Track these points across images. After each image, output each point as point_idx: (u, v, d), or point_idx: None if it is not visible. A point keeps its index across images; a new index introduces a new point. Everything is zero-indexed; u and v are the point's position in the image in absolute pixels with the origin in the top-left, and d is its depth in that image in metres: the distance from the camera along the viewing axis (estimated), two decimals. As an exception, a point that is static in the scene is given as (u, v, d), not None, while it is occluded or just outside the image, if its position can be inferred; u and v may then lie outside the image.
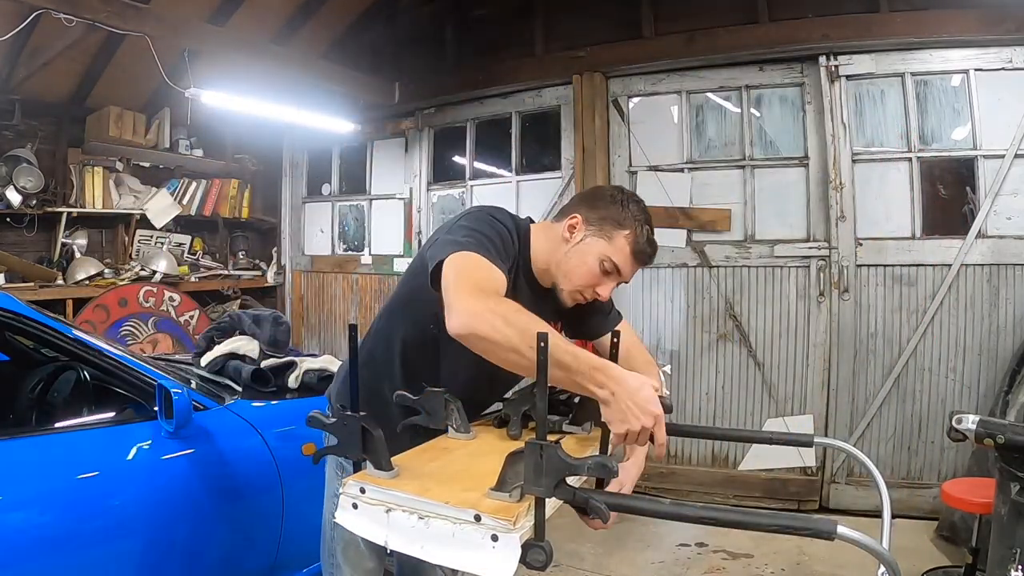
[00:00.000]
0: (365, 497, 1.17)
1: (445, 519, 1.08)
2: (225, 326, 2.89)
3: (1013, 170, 3.62)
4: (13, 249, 4.79)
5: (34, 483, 1.85)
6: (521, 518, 1.06)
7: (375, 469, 1.23)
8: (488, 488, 1.12)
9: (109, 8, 3.59)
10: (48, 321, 2.14)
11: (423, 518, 1.10)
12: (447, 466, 1.33)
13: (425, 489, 1.15)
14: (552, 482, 1.05)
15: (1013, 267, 3.63)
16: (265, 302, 6.17)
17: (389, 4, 5.55)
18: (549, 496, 1.07)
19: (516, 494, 1.10)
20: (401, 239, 5.62)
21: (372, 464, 1.24)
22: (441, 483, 1.19)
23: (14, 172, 4.66)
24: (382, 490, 1.16)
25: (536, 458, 1.06)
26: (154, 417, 2.09)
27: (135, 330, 4.96)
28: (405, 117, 5.53)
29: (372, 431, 1.25)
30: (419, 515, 1.11)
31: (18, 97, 4.73)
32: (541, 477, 1.05)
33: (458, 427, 1.50)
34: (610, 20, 4.58)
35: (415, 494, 1.13)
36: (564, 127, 4.80)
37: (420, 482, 1.19)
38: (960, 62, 3.72)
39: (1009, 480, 1.83)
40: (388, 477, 1.21)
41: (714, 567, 3.26)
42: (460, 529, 1.06)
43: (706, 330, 4.31)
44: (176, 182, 5.77)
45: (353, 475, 1.24)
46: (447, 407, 1.48)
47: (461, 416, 1.49)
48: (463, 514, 1.07)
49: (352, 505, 1.18)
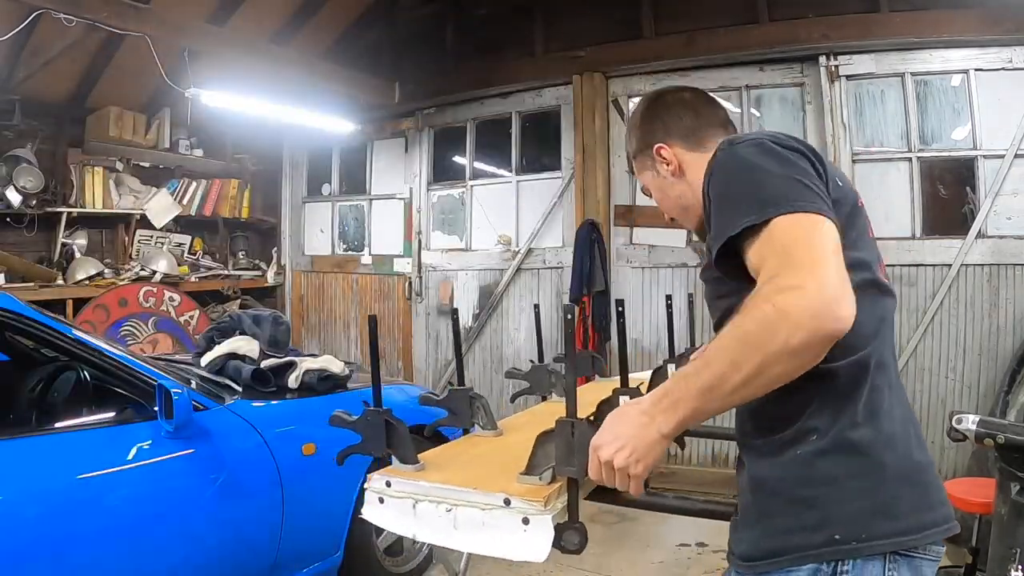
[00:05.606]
0: (391, 491, 1.15)
1: (473, 505, 1.06)
2: (225, 326, 2.90)
3: (1013, 170, 3.62)
4: (13, 249, 4.79)
5: (34, 483, 1.85)
6: (552, 499, 1.03)
7: (400, 463, 1.21)
8: (518, 473, 1.09)
9: (109, 8, 3.59)
10: (48, 321, 2.13)
11: (450, 508, 1.08)
12: (474, 459, 1.31)
13: (449, 478, 1.13)
14: (585, 460, 0.99)
15: (1013, 267, 3.63)
16: (265, 302, 6.16)
17: (389, 4, 5.55)
18: (582, 475, 1.02)
19: (547, 476, 1.07)
20: (401, 239, 5.61)
21: (397, 458, 1.23)
22: (466, 471, 1.18)
23: (14, 172, 4.66)
24: (408, 482, 1.14)
25: (567, 436, 1.01)
26: (154, 417, 2.09)
27: (135, 330, 4.96)
28: (405, 117, 5.53)
29: (396, 425, 1.22)
30: (447, 505, 1.08)
31: (18, 97, 4.72)
32: (572, 456, 1.01)
33: (485, 424, 1.47)
34: (610, 20, 4.58)
35: (441, 483, 1.11)
36: (564, 127, 4.80)
37: (445, 472, 1.18)
38: (960, 62, 3.72)
39: (1009, 480, 1.83)
40: (413, 470, 1.19)
41: (714, 567, 3.26)
42: (489, 515, 1.04)
43: (706, 330, 4.30)
44: (176, 182, 5.77)
45: (379, 470, 1.22)
46: (472, 404, 1.46)
47: (488, 413, 1.46)
48: (492, 499, 1.04)
49: (378, 499, 1.16)
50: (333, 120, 5.18)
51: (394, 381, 3.78)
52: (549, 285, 4.90)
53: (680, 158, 1.22)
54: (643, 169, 1.30)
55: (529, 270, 4.99)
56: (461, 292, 5.32)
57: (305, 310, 6.23)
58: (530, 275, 4.99)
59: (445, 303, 5.36)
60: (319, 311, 6.16)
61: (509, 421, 1.73)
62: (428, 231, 5.50)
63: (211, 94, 4.24)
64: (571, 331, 1.01)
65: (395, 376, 5.51)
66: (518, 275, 5.02)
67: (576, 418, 1.02)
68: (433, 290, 5.45)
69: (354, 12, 5.59)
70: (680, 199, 1.25)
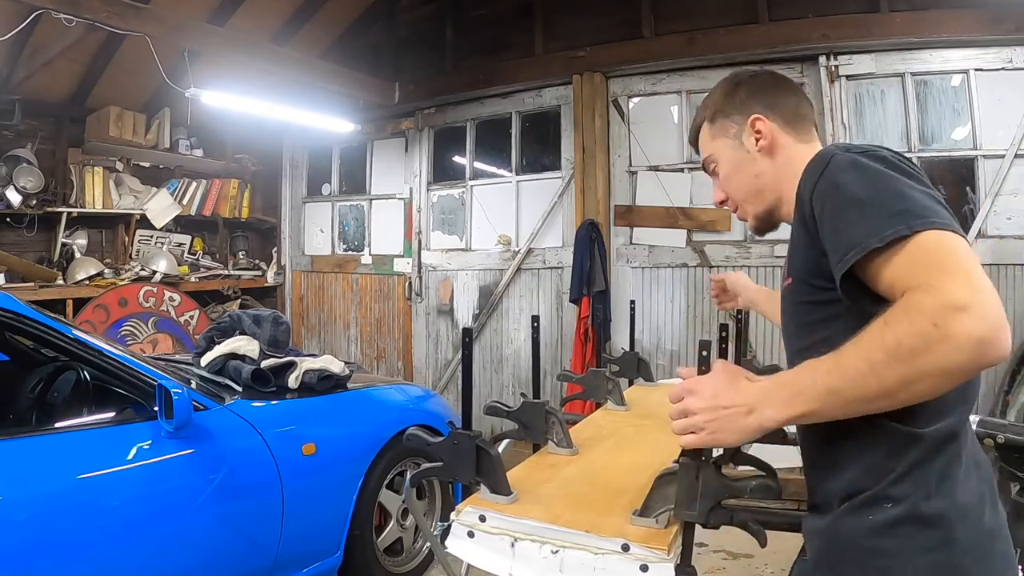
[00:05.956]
0: (485, 526, 1.07)
1: (585, 549, 1.00)
2: (225, 326, 2.89)
3: (1013, 170, 3.62)
4: (13, 249, 4.79)
5: (34, 483, 1.85)
6: (674, 546, 0.99)
7: (491, 493, 1.13)
8: (630, 513, 1.03)
9: (109, 8, 3.59)
10: (48, 321, 2.13)
11: (557, 551, 1.01)
12: (565, 487, 1.23)
13: (556, 515, 1.06)
14: (707, 506, 0.95)
15: (1013, 267, 3.63)
16: (265, 302, 6.17)
17: (389, 4, 5.55)
18: (704, 522, 0.97)
19: (663, 519, 1.02)
20: (401, 239, 5.62)
21: (488, 487, 1.14)
22: (571, 508, 1.10)
23: (14, 172, 4.66)
24: (509, 519, 1.06)
25: (691, 479, 0.96)
26: (154, 417, 2.09)
27: (135, 330, 4.96)
28: (405, 117, 5.53)
29: (489, 451, 1.12)
30: (552, 546, 1.01)
31: (18, 97, 4.73)
32: (695, 501, 0.96)
33: (560, 441, 1.39)
34: (610, 20, 4.58)
35: (547, 522, 1.04)
36: (564, 127, 4.80)
37: (546, 507, 1.10)
38: (960, 62, 3.72)
39: (1009, 480, 1.83)
40: (507, 502, 1.10)
41: (714, 567, 3.26)
42: (603, 560, 0.99)
43: (706, 330, 4.30)
44: (176, 182, 5.77)
45: (467, 500, 1.14)
46: (548, 419, 1.38)
47: (564, 430, 1.39)
48: (608, 543, 0.99)
49: (467, 533, 1.08)
50: (333, 120, 5.18)
51: (394, 381, 3.78)
52: (549, 285, 4.90)
53: (776, 136, 1.16)
54: (719, 136, 1.21)
55: (529, 270, 4.99)
56: (461, 292, 5.32)
57: (305, 310, 6.24)
58: (530, 275, 4.99)
59: (445, 303, 5.36)
60: (319, 311, 6.16)
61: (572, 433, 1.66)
62: (428, 231, 5.50)
63: (211, 94, 4.24)
64: (706, 355, 0.93)
65: (395, 376, 5.51)
66: (518, 275, 5.02)
67: (702, 460, 0.96)
68: (433, 290, 5.45)
69: (354, 12, 5.59)
70: (758, 179, 1.17)
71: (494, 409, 1.38)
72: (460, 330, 5.29)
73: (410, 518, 2.92)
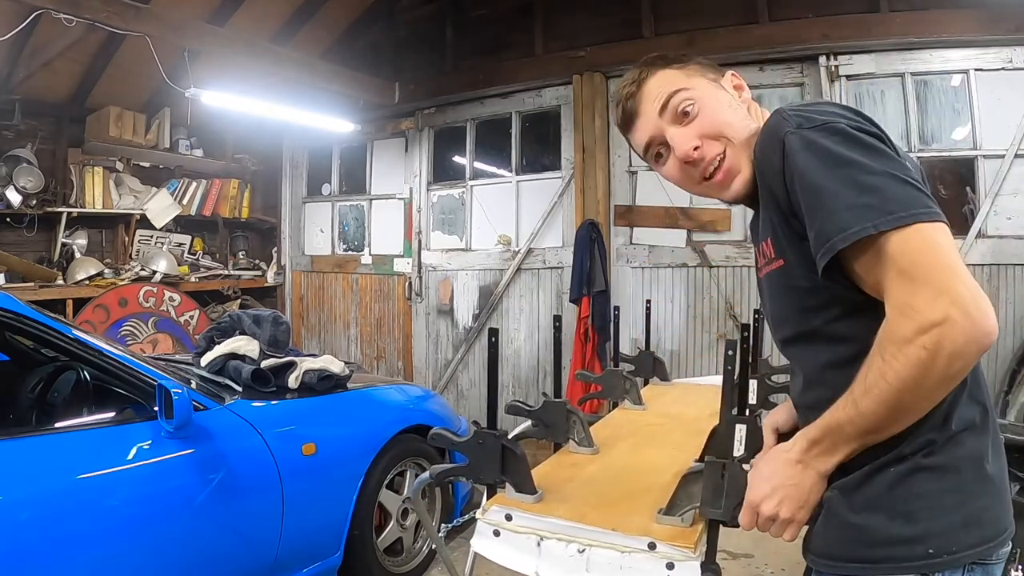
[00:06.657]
0: (512, 524, 1.08)
1: (611, 547, 1.01)
2: (225, 326, 2.89)
3: (1013, 170, 3.62)
4: (13, 249, 4.79)
5: (34, 483, 1.85)
6: (700, 544, 1.00)
7: (517, 492, 1.13)
8: (655, 511, 1.05)
9: (109, 8, 3.59)
10: (48, 321, 2.13)
11: (583, 549, 1.02)
12: (589, 485, 1.24)
13: (582, 514, 1.07)
14: (733, 503, 0.97)
15: (1013, 267, 3.63)
16: (265, 302, 6.17)
17: (389, 4, 5.55)
18: (729, 519, 0.98)
19: (688, 517, 1.03)
20: (401, 239, 5.62)
21: (513, 486, 1.14)
22: (596, 506, 1.11)
23: (14, 172, 4.66)
24: (533, 517, 1.07)
25: (716, 478, 0.98)
26: (154, 417, 2.09)
27: (135, 330, 4.96)
28: (405, 117, 5.53)
29: (515, 450, 1.13)
30: (579, 545, 1.03)
31: (18, 97, 4.73)
32: (720, 499, 0.98)
33: (581, 440, 1.40)
34: (610, 20, 4.58)
35: (573, 520, 1.05)
36: (564, 127, 4.80)
37: (572, 506, 1.11)
38: (960, 62, 3.72)
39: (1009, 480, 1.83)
40: (532, 501, 1.12)
41: (714, 567, 3.26)
42: (629, 558, 1.00)
43: (706, 330, 4.31)
44: (176, 182, 5.78)
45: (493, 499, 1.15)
46: (569, 419, 1.38)
47: (585, 429, 1.39)
48: (635, 542, 1.00)
49: (493, 532, 1.09)
50: (333, 120, 5.18)
51: (394, 381, 3.78)
52: (549, 285, 4.90)
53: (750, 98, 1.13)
54: (695, 75, 1.12)
55: (529, 270, 4.99)
56: (461, 292, 5.32)
57: (305, 310, 6.24)
58: (530, 275, 4.99)
59: (445, 303, 5.36)
60: (319, 311, 6.16)
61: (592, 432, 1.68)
62: (428, 231, 5.50)
63: (211, 94, 4.24)
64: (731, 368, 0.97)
65: (395, 376, 5.51)
66: (518, 275, 5.02)
67: (727, 459, 0.99)
68: (433, 290, 5.45)
69: (354, 12, 5.59)
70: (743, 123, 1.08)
71: (515, 408, 1.39)
72: (460, 330, 5.31)
73: (410, 518, 2.92)
